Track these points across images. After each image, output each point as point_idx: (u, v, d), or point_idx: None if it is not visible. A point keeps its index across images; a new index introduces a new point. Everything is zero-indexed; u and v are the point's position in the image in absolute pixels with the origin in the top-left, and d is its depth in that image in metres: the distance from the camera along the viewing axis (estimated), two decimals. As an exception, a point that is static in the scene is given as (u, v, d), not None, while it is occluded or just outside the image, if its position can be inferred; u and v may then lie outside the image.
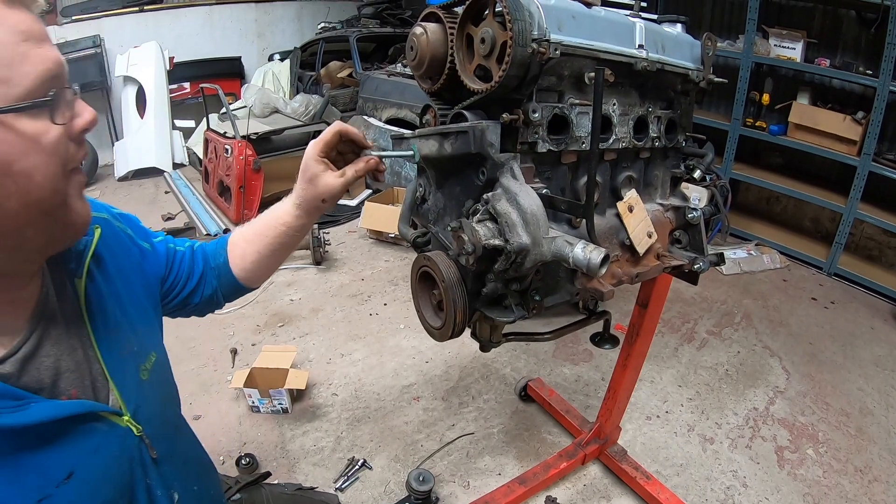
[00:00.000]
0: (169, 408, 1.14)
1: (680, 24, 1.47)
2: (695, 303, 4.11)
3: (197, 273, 1.25)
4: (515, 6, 0.99)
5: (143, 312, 1.08)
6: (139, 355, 1.02)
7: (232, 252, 1.27)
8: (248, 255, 1.26)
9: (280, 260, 1.30)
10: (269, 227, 1.22)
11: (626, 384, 2.26)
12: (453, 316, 1.12)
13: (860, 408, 3.11)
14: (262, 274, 1.31)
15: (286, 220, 1.20)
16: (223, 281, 1.28)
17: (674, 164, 1.54)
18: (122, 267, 1.04)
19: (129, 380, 0.97)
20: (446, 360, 3.29)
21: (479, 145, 1.05)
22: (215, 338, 3.55)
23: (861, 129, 4.29)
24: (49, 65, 0.74)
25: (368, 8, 8.52)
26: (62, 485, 0.80)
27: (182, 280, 1.23)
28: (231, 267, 1.27)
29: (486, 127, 1.05)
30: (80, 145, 0.82)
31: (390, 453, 2.65)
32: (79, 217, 0.83)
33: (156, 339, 1.13)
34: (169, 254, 1.21)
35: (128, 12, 7.90)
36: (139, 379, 1.00)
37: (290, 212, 1.19)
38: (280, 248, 1.25)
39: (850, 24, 4.73)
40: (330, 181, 1.12)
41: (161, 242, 1.21)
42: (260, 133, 5.44)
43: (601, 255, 0.96)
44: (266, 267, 1.30)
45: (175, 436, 1.13)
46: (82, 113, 0.81)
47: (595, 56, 1.14)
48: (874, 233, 4.79)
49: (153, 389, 1.04)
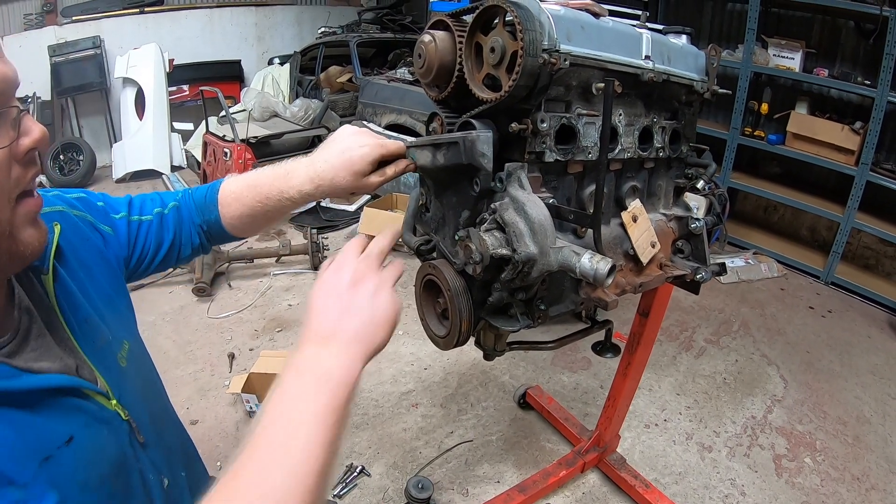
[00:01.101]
0: (151, 394, 1.13)
1: (685, 35, 1.48)
2: (693, 311, 4.11)
3: (167, 241, 1.21)
4: (526, 16, 0.99)
5: (109, 301, 1.05)
6: (113, 344, 1.00)
7: (224, 208, 1.23)
8: (243, 217, 1.23)
9: (275, 221, 1.30)
10: (270, 199, 1.18)
11: (626, 393, 2.26)
12: (458, 325, 1.11)
13: (857, 416, 3.11)
14: (256, 230, 1.30)
15: (292, 196, 1.17)
16: (212, 233, 1.26)
17: (677, 175, 1.55)
18: (83, 259, 1.01)
19: (110, 367, 0.95)
20: (445, 366, 3.29)
21: (470, 156, 1.05)
22: (213, 342, 3.54)
23: (859, 138, 4.31)
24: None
25: (369, 13, 8.54)
26: (63, 447, 0.79)
27: (150, 253, 1.19)
28: (223, 223, 1.24)
29: (476, 137, 1.04)
30: (28, 166, 0.76)
31: (389, 460, 2.65)
32: (27, 247, 0.78)
33: (127, 327, 1.11)
34: (132, 231, 1.16)
35: (128, 14, 7.90)
36: (119, 366, 0.99)
37: (301, 190, 1.15)
38: (278, 215, 1.23)
39: (848, 35, 4.77)
40: (373, 180, 1.14)
41: (122, 220, 1.15)
42: (259, 137, 5.45)
43: (608, 265, 0.96)
44: (259, 227, 1.28)
45: (160, 423, 1.11)
46: (30, 131, 0.75)
47: (603, 67, 1.15)
48: (871, 242, 4.82)
49: (133, 376, 1.03)
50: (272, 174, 1.20)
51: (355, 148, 1.13)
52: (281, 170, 1.19)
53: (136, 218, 1.17)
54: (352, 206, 5.63)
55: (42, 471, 0.74)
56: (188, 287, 4.17)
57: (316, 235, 4.55)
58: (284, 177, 1.18)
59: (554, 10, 1.07)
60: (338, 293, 0.88)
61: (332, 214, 5.55)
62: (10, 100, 0.73)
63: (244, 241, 4.89)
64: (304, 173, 1.15)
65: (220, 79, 8.09)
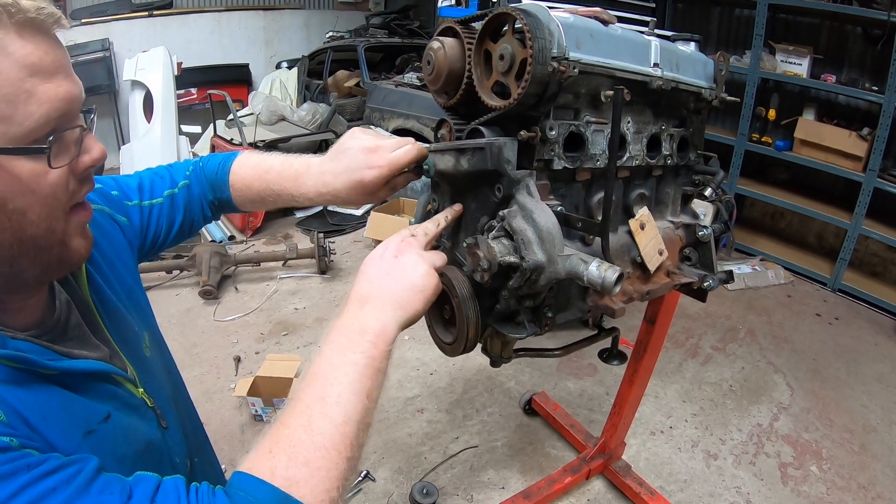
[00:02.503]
0: (171, 382, 1.16)
1: (693, 42, 1.48)
2: (699, 318, 4.10)
3: (178, 221, 1.24)
4: (536, 24, 0.99)
5: (130, 293, 1.08)
6: (138, 335, 1.04)
7: (234, 191, 1.27)
8: (254, 200, 1.27)
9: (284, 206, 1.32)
10: (279, 196, 1.22)
11: (632, 400, 2.26)
12: (466, 332, 1.11)
13: (863, 424, 3.10)
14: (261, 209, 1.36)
15: (299, 200, 1.21)
16: (222, 207, 1.30)
17: (685, 182, 1.54)
18: (105, 253, 1.04)
19: (136, 357, 0.99)
20: (451, 372, 3.29)
21: (497, 162, 1.05)
22: (219, 345, 3.54)
23: (866, 145, 4.30)
24: (56, 104, 0.71)
25: (376, 18, 8.57)
26: (103, 423, 0.83)
27: (161, 234, 1.22)
28: (233, 201, 1.28)
29: (503, 144, 1.05)
30: (83, 182, 0.80)
31: (394, 465, 2.65)
32: (76, 254, 0.82)
33: (146, 317, 1.14)
34: (143, 217, 1.18)
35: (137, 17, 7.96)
36: (144, 356, 1.03)
37: (307, 196, 1.19)
38: (284, 205, 1.28)
39: (856, 41, 4.76)
40: (381, 194, 1.17)
41: (135, 207, 1.18)
42: (267, 140, 5.46)
43: (616, 273, 0.95)
44: (269, 208, 1.34)
45: (178, 408, 1.14)
46: (90, 150, 0.79)
47: (612, 75, 1.15)
48: (879, 249, 4.79)
49: (155, 365, 1.07)
50: (282, 170, 1.22)
51: (365, 170, 1.12)
52: (291, 170, 1.21)
53: (147, 203, 1.20)
54: (358, 211, 5.64)
55: (85, 442, 0.78)
56: (195, 290, 4.18)
57: (322, 239, 4.56)
58: (294, 179, 1.19)
59: (563, 17, 1.07)
60: (380, 262, 0.95)
61: (339, 219, 5.57)
62: (75, 118, 0.76)
63: (251, 245, 4.92)
64: (313, 185, 1.17)
65: (228, 82, 8.14)
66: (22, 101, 0.68)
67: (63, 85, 0.73)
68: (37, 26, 0.69)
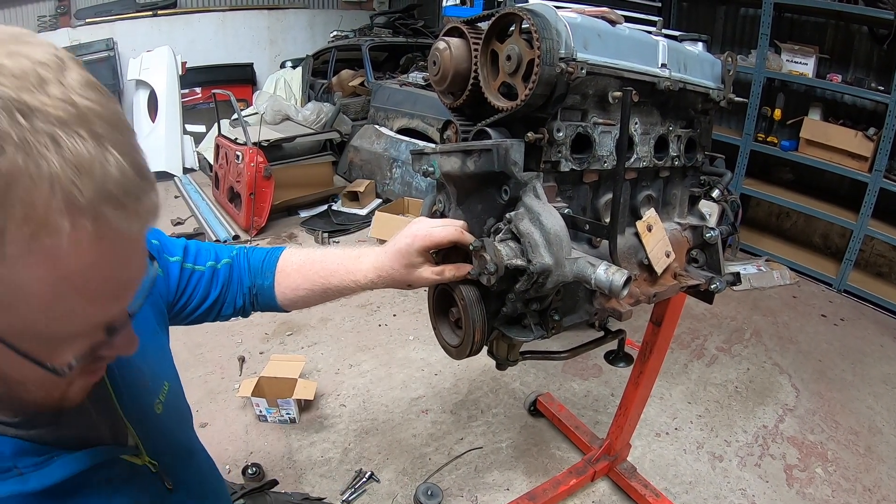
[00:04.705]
0: (182, 434, 1.11)
1: (701, 42, 1.47)
2: (704, 319, 4.09)
3: (213, 296, 1.19)
4: (543, 24, 0.98)
5: (154, 336, 1.03)
6: (153, 391, 0.98)
7: (282, 279, 1.23)
8: (300, 290, 1.22)
9: (327, 301, 1.26)
10: (336, 277, 1.18)
11: (638, 401, 2.25)
12: (472, 335, 1.11)
13: (869, 426, 3.08)
14: (304, 306, 1.28)
15: (358, 280, 1.17)
16: (260, 299, 1.24)
17: (692, 184, 1.54)
18: None
19: (144, 418, 0.93)
20: (455, 372, 3.28)
21: (503, 164, 1.04)
22: (223, 345, 3.54)
23: (872, 145, 4.27)
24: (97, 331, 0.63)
25: (381, 17, 8.55)
26: None
27: (194, 303, 1.17)
28: (276, 293, 1.23)
29: (510, 146, 1.04)
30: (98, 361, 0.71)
31: (398, 466, 2.64)
32: (72, 402, 0.75)
33: (168, 366, 1.09)
34: (183, 278, 1.14)
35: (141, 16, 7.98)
36: (154, 414, 0.97)
37: (368, 276, 1.16)
38: (335, 295, 1.22)
39: (862, 40, 4.73)
40: (426, 275, 1.12)
41: (176, 264, 1.13)
42: (271, 140, 5.46)
43: (624, 276, 0.95)
44: (312, 303, 1.26)
45: (188, 460, 1.09)
46: (118, 348, 0.69)
47: (620, 75, 1.14)
48: (884, 249, 4.77)
49: (167, 420, 1.01)
50: (342, 254, 1.21)
51: (402, 238, 1.11)
52: (353, 252, 1.20)
53: (189, 266, 1.16)
54: (363, 211, 5.64)
55: None
56: (199, 289, 4.17)
57: (327, 239, 4.56)
58: (355, 259, 1.18)
59: (571, 17, 1.07)
60: None
61: (344, 218, 5.56)
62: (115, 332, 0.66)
63: (255, 244, 4.91)
64: (371, 262, 1.16)
65: (232, 82, 8.16)
66: (57, 319, 0.57)
67: (115, 307, 0.63)
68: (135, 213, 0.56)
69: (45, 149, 0.48)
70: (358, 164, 6.15)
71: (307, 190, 5.69)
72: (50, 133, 0.49)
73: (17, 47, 0.51)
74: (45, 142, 0.49)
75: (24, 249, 0.50)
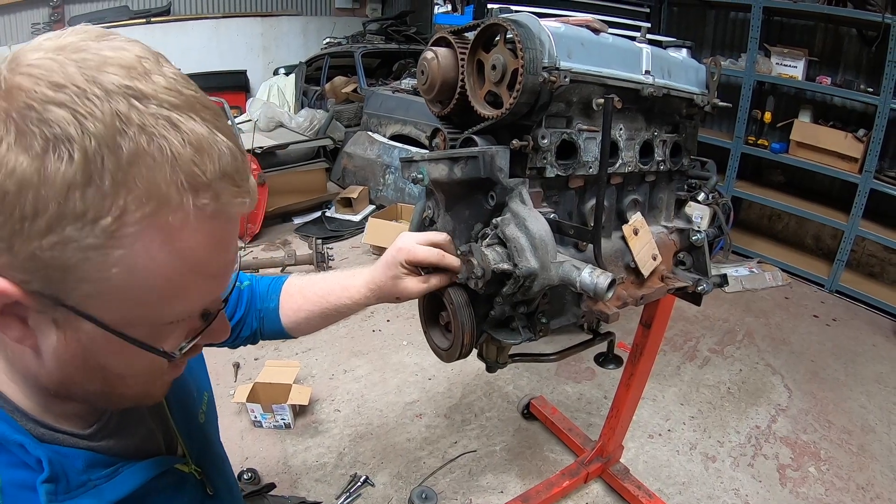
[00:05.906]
0: (218, 441, 1.13)
1: (685, 48, 1.49)
2: (697, 321, 4.11)
3: (237, 316, 1.22)
4: (527, 35, 1.01)
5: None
6: (197, 401, 1.01)
7: (285, 301, 1.25)
8: (302, 311, 1.24)
9: (330, 323, 1.28)
10: (333, 294, 1.21)
11: (630, 403, 2.26)
12: (461, 338, 1.13)
13: (862, 425, 3.10)
14: (308, 330, 1.29)
15: (353, 296, 1.20)
16: (266, 325, 1.26)
17: (678, 187, 1.56)
18: None
19: (191, 427, 0.96)
20: (449, 377, 3.30)
21: (489, 170, 1.06)
22: (218, 351, 3.50)
23: (862, 146, 4.31)
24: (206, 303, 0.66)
25: (374, 24, 8.59)
26: None
27: None
28: (280, 315, 1.25)
29: (495, 152, 1.06)
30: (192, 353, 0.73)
31: (392, 470, 2.65)
32: (155, 398, 0.78)
33: (206, 376, 1.12)
34: None
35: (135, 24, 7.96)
36: (198, 423, 1.00)
37: (361, 291, 1.18)
38: (336, 316, 1.24)
39: (851, 43, 4.78)
40: (411, 286, 1.13)
41: None
42: (265, 147, 5.47)
43: (608, 279, 0.97)
44: (315, 326, 1.28)
45: (222, 466, 1.11)
46: (214, 335, 0.72)
47: (603, 83, 1.16)
48: (876, 250, 4.81)
49: (208, 429, 1.04)
50: (339, 273, 1.25)
51: (388, 251, 1.15)
52: (350, 271, 1.24)
53: None
54: (356, 217, 5.65)
55: None
56: (193, 297, 4.17)
57: (321, 245, 4.57)
58: (350, 276, 1.22)
59: (554, 27, 1.09)
60: None
61: (338, 224, 5.57)
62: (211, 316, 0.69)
63: (250, 251, 4.92)
64: (364, 278, 1.19)
65: (225, 89, 8.14)
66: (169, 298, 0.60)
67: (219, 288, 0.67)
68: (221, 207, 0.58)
69: (165, 130, 0.52)
70: (351, 170, 6.17)
71: (301, 196, 5.69)
72: (166, 116, 0.53)
73: (115, 42, 0.58)
74: (164, 124, 0.52)
75: (143, 227, 0.52)
